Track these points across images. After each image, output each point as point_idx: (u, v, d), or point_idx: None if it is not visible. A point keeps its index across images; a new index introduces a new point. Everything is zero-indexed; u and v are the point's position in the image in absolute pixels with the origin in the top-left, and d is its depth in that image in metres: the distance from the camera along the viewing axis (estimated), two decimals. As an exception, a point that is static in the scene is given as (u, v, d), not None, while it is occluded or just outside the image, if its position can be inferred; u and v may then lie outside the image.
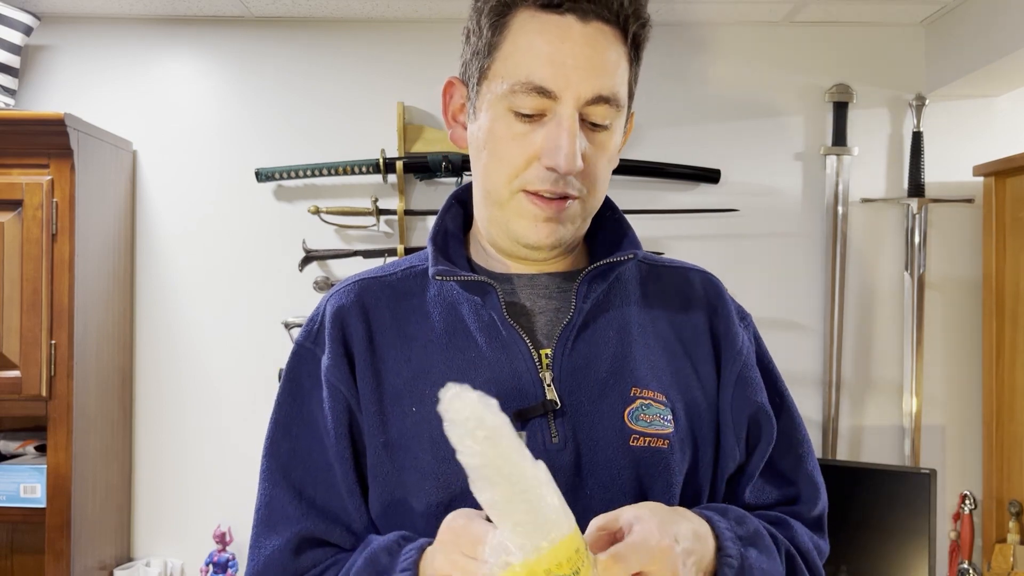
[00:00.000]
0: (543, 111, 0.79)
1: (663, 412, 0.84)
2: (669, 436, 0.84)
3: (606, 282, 0.88)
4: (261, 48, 2.33)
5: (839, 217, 2.28)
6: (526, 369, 0.83)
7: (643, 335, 0.88)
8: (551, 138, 0.78)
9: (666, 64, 2.32)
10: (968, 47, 2.13)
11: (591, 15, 0.78)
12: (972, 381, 2.29)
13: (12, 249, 1.93)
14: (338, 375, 0.88)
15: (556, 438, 0.82)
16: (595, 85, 0.78)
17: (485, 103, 0.82)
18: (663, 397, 0.85)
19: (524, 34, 0.79)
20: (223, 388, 2.31)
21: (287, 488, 0.89)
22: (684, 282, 0.94)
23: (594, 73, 0.78)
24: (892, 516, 1.92)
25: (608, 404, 0.83)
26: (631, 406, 0.83)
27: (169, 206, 2.33)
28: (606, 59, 0.78)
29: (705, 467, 0.88)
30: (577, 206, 0.83)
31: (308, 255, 2.28)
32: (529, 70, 0.78)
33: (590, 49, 0.77)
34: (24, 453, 2.12)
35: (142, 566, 2.22)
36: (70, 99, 2.30)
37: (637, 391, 0.84)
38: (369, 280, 0.92)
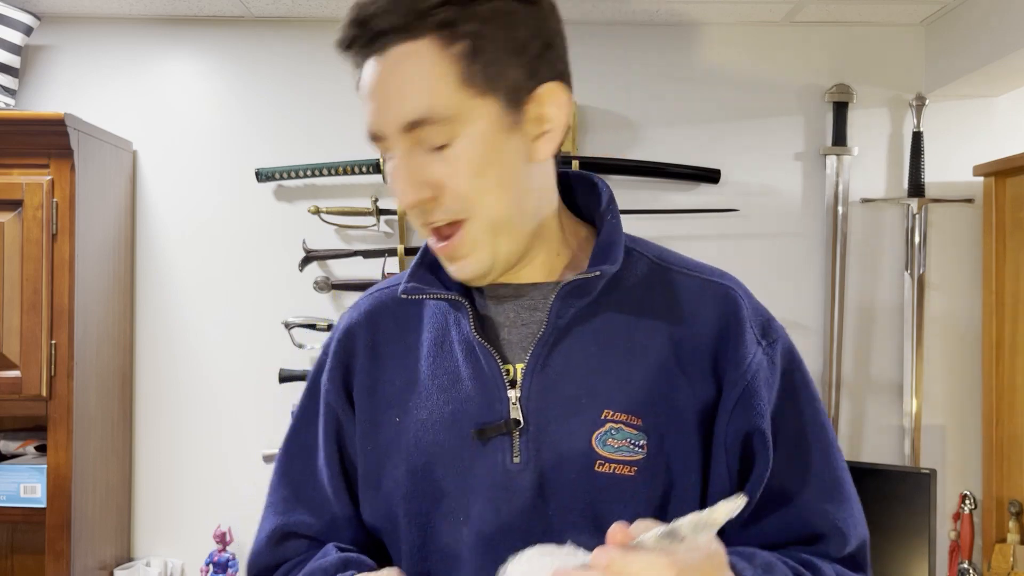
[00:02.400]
0: (389, 149, 0.78)
1: (635, 437, 0.79)
2: (637, 463, 0.78)
3: (590, 295, 0.81)
4: (261, 48, 2.33)
5: (839, 217, 2.28)
6: (495, 386, 0.81)
7: (631, 349, 0.81)
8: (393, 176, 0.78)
9: (666, 64, 2.32)
10: (968, 47, 2.13)
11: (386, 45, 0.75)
12: (972, 381, 2.29)
13: (12, 249, 1.93)
14: (333, 394, 0.91)
15: (517, 458, 0.80)
16: (399, 114, 0.74)
17: None
18: (638, 421, 0.79)
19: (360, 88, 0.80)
20: (223, 388, 2.31)
21: (285, 481, 0.93)
22: (698, 292, 0.85)
23: (397, 99, 0.74)
24: (892, 516, 1.92)
25: (576, 425, 0.79)
26: (600, 429, 0.79)
27: (169, 206, 2.33)
28: (407, 81, 0.74)
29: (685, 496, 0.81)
30: (471, 228, 0.77)
31: (308, 255, 2.28)
32: (365, 120, 0.79)
33: (387, 80, 0.75)
34: (24, 453, 2.12)
35: (142, 566, 2.22)
36: (70, 99, 2.30)
37: (609, 413, 0.79)
38: (380, 292, 0.94)
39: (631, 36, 2.32)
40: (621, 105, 2.32)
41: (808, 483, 0.83)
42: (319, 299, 2.30)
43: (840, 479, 0.85)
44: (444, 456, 0.82)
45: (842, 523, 0.83)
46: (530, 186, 0.80)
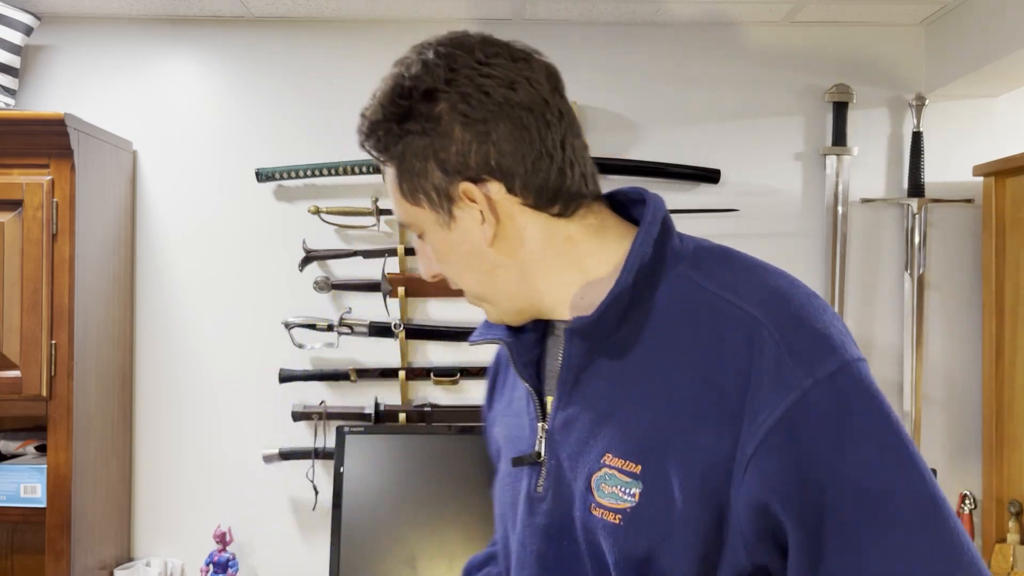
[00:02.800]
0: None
1: (628, 485, 0.76)
2: (623, 512, 0.76)
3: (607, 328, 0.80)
4: (261, 48, 2.33)
5: (839, 217, 2.28)
6: (532, 418, 0.90)
7: (648, 389, 0.77)
8: None
9: (666, 64, 2.32)
10: (968, 47, 2.13)
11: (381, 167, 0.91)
12: (972, 381, 2.29)
13: (12, 249, 1.93)
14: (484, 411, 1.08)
15: (541, 488, 0.86)
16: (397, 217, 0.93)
17: None
18: (636, 468, 0.76)
19: None
20: (223, 388, 2.31)
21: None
22: (727, 327, 0.74)
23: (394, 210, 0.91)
24: (892, 516, 1.92)
25: (582, 466, 0.81)
26: (598, 473, 0.79)
27: (169, 206, 2.33)
28: (391, 193, 0.90)
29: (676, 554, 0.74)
30: (468, 295, 0.91)
31: (308, 255, 2.28)
32: None
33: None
34: (24, 453, 2.12)
35: (142, 566, 2.22)
36: (70, 99, 2.31)
37: (608, 458, 0.78)
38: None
39: (631, 36, 2.32)
40: (621, 105, 2.32)
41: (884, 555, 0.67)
42: (319, 299, 2.30)
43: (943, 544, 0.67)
44: (506, 481, 0.94)
45: None
46: (499, 264, 0.86)
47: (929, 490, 0.69)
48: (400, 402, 2.28)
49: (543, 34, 2.31)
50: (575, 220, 0.84)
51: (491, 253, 0.85)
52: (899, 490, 0.68)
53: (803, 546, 0.69)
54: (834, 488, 0.68)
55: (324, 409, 2.25)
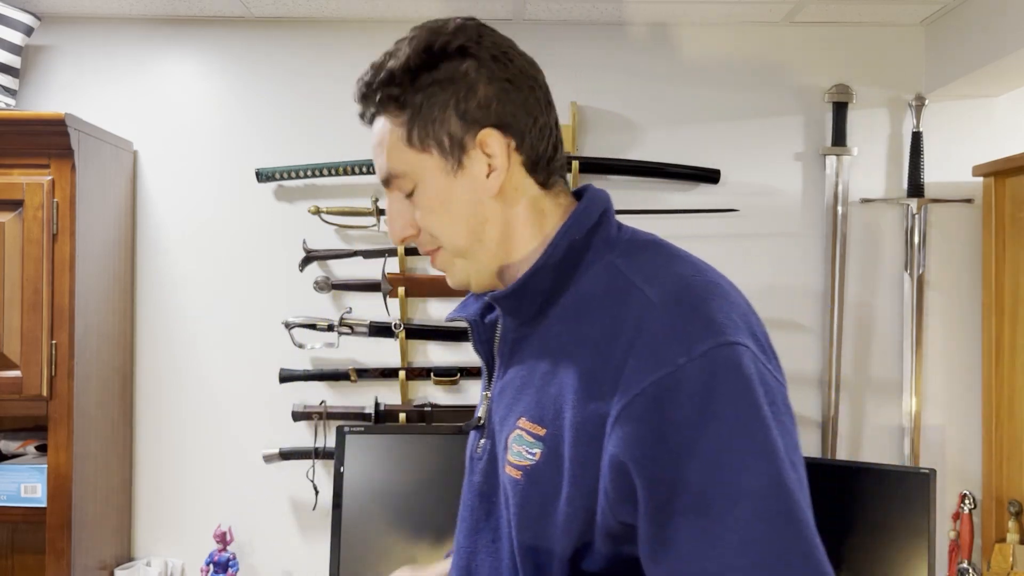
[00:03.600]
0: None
1: (532, 445, 0.85)
2: (524, 469, 0.85)
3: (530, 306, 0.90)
4: (261, 48, 2.33)
5: (839, 217, 2.28)
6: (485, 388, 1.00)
7: (556, 361, 0.85)
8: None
9: (666, 64, 2.32)
10: (968, 47, 2.13)
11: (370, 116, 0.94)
12: (972, 381, 2.29)
13: (13, 249, 1.93)
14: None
15: (480, 449, 0.97)
16: (380, 172, 0.94)
17: None
18: (542, 431, 0.84)
19: None
20: (223, 388, 2.31)
21: None
22: (628, 307, 0.81)
23: (376, 163, 0.94)
24: (892, 516, 1.93)
25: (504, 428, 0.91)
26: (511, 434, 0.88)
27: (169, 206, 2.33)
28: (379, 146, 0.93)
29: (570, 508, 0.80)
30: (443, 254, 0.94)
31: (308, 255, 2.28)
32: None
33: (373, 147, 0.94)
34: (25, 453, 2.12)
35: (142, 566, 2.22)
36: (70, 99, 2.31)
37: (522, 421, 0.87)
38: None
39: (631, 36, 2.32)
40: (621, 105, 2.32)
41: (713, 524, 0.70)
42: (319, 299, 2.30)
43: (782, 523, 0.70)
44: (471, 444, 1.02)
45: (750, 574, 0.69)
46: (490, 217, 0.91)
47: (779, 481, 0.71)
48: (400, 402, 2.28)
49: (543, 34, 2.31)
50: (550, 195, 0.94)
51: (489, 204, 0.91)
52: (748, 474, 0.70)
53: (650, 512, 0.73)
54: (689, 462, 0.71)
55: (324, 409, 2.25)
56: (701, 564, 0.70)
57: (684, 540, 0.71)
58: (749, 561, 0.69)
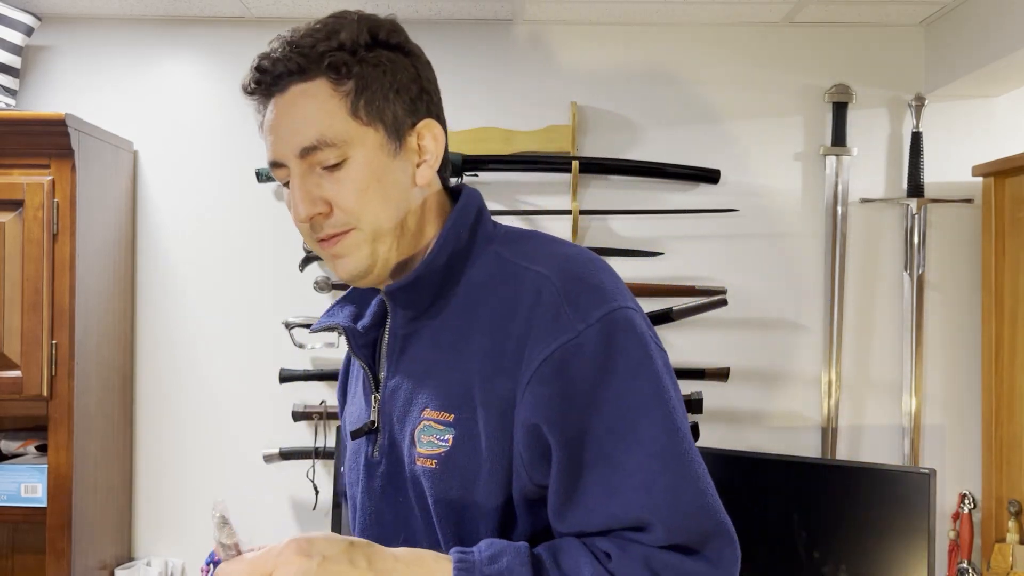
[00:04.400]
0: (288, 177, 0.91)
1: (441, 432, 0.87)
2: (437, 456, 0.86)
3: (422, 299, 0.91)
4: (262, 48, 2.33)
5: (839, 217, 2.28)
6: (368, 393, 0.97)
7: (458, 348, 0.88)
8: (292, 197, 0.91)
9: (666, 64, 2.32)
10: (968, 47, 2.13)
11: (287, 85, 0.89)
12: (971, 381, 2.29)
13: (13, 249, 1.93)
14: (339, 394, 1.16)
15: (375, 454, 0.95)
16: (297, 141, 0.88)
17: None
18: (450, 417, 0.86)
19: (263, 124, 0.93)
20: (223, 388, 2.31)
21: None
22: (520, 287, 0.86)
23: (294, 131, 0.88)
24: (891, 516, 1.93)
25: (406, 424, 0.90)
26: (418, 427, 0.88)
27: (170, 206, 2.33)
28: (302, 113, 0.88)
29: (489, 489, 0.84)
30: (355, 235, 0.89)
31: (308, 255, 2.28)
32: (267, 151, 0.93)
33: (287, 114, 0.89)
34: (25, 453, 2.12)
35: (143, 565, 2.22)
36: (71, 99, 2.31)
37: (427, 412, 0.88)
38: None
39: (631, 36, 2.32)
40: (621, 105, 2.32)
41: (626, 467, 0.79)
42: (319, 299, 2.30)
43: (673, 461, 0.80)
44: (351, 454, 1.00)
45: (666, 508, 0.78)
46: (411, 206, 0.92)
47: (672, 425, 0.81)
48: (400, 402, 2.28)
49: (543, 34, 2.31)
50: (443, 193, 0.97)
51: (413, 193, 0.92)
52: (646, 420, 0.80)
53: (563, 464, 0.81)
54: (594, 414, 0.81)
55: (324, 409, 2.25)
56: (607, 510, 0.80)
57: (591, 494, 0.81)
58: (651, 500, 0.79)
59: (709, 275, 2.30)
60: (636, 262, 2.25)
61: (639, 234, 2.28)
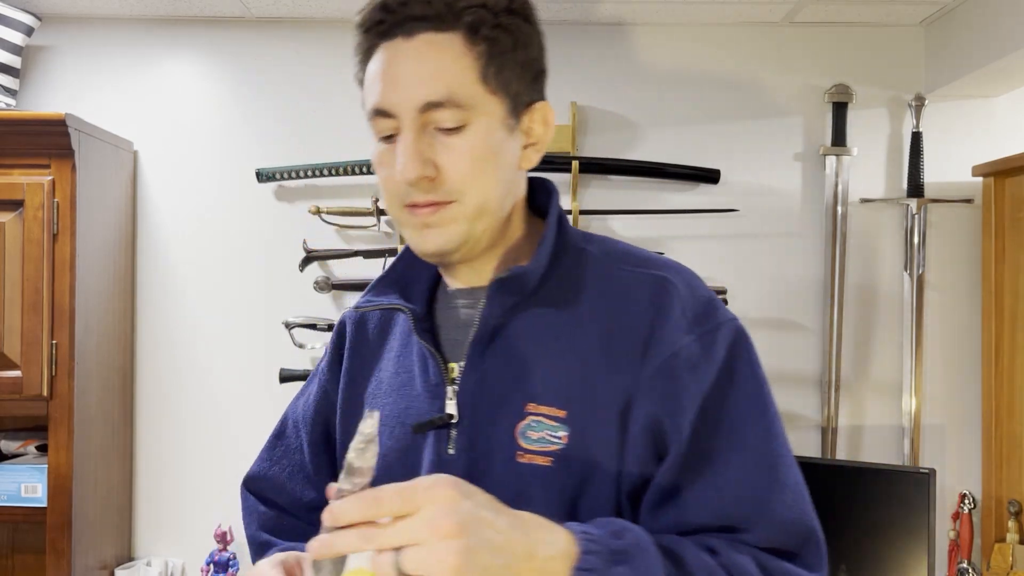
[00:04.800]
0: (394, 130, 0.84)
1: (555, 428, 0.83)
2: (554, 453, 0.83)
3: (524, 290, 0.87)
4: (261, 48, 2.34)
5: (838, 217, 2.28)
6: (436, 383, 0.89)
7: (560, 345, 0.86)
8: (396, 153, 0.83)
9: (666, 64, 2.32)
10: (968, 47, 2.13)
11: (415, 30, 0.82)
12: (971, 381, 2.29)
13: (13, 249, 1.93)
14: (327, 376, 1.03)
15: (452, 449, 0.87)
16: (422, 93, 0.81)
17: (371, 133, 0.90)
18: (562, 413, 0.83)
19: (370, 68, 0.86)
20: (224, 388, 2.32)
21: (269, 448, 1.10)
22: (635, 285, 0.87)
23: (420, 82, 0.81)
24: (891, 516, 1.93)
25: (503, 419, 0.85)
26: (523, 422, 0.84)
27: (170, 206, 2.33)
28: (433, 65, 0.81)
29: (604, 484, 0.83)
30: (454, 209, 0.84)
31: (308, 255, 2.28)
32: (372, 98, 0.84)
33: (415, 62, 0.82)
34: (25, 453, 2.12)
35: (143, 566, 2.22)
36: (71, 99, 2.31)
37: (532, 406, 0.84)
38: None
39: (631, 36, 2.32)
40: (621, 105, 2.32)
41: (737, 468, 0.81)
42: (319, 299, 2.30)
43: (777, 466, 0.83)
44: (397, 450, 0.91)
45: (771, 510, 0.81)
46: (511, 188, 0.88)
47: (777, 428, 0.85)
48: (400, 402, 2.28)
49: (543, 34, 2.31)
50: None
51: (518, 176, 0.89)
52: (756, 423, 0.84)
53: (677, 459, 0.81)
54: (713, 414, 0.82)
55: (324, 409, 2.25)
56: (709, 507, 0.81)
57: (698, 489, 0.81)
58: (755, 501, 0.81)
59: (709, 275, 2.30)
60: (636, 262, 2.25)
61: (639, 234, 2.28)
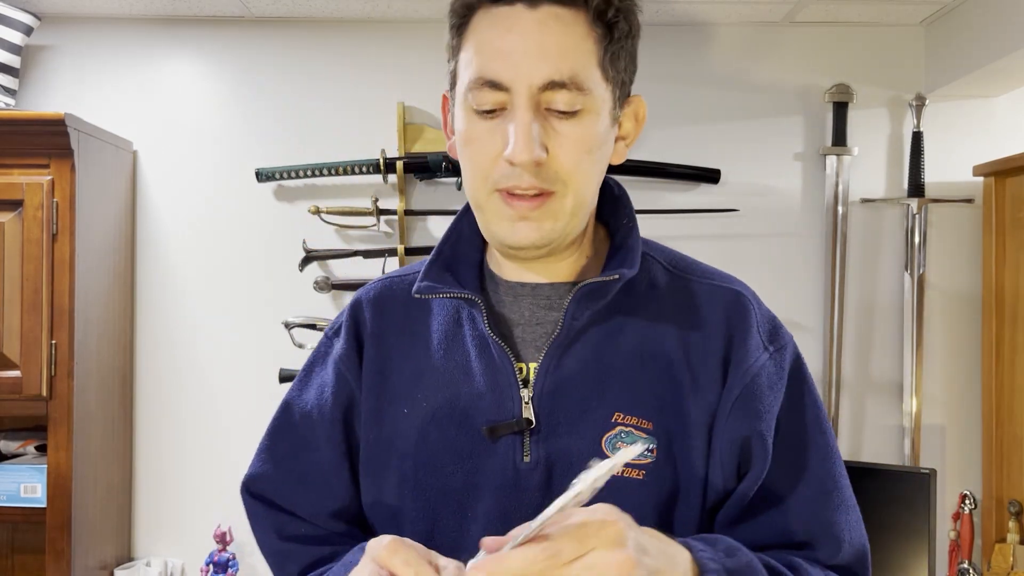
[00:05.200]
0: (501, 105, 0.77)
1: (645, 441, 0.80)
2: (646, 467, 0.79)
3: (606, 297, 0.83)
4: (261, 48, 2.33)
5: (839, 217, 2.28)
6: (508, 384, 0.82)
7: (642, 355, 0.82)
8: (508, 130, 0.76)
9: (666, 64, 2.32)
10: (968, 47, 2.13)
11: (539, 1, 0.76)
12: (972, 381, 2.29)
13: (12, 249, 1.93)
14: (347, 363, 0.91)
15: (528, 457, 0.80)
16: (545, 71, 0.75)
17: (458, 108, 0.82)
18: (649, 425, 0.80)
19: (477, 32, 0.78)
20: (223, 388, 2.31)
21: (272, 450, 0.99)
22: (709, 298, 0.86)
23: (543, 58, 0.75)
24: (892, 516, 1.93)
25: (586, 427, 0.80)
26: (610, 432, 0.79)
27: (169, 206, 2.33)
28: (559, 42, 0.75)
29: (689, 500, 0.81)
30: (555, 203, 0.78)
31: (308, 255, 2.28)
32: (480, 66, 0.77)
33: (539, 35, 0.75)
34: (25, 453, 2.12)
35: (142, 566, 2.22)
36: (70, 99, 2.31)
37: (619, 416, 0.80)
38: (393, 278, 0.95)
39: (631, 36, 2.32)
40: (621, 105, 2.31)
41: (805, 487, 0.82)
42: (319, 299, 2.30)
43: (839, 486, 0.84)
44: (453, 451, 0.82)
45: (837, 529, 0.82)
46: (598, 184, 0.84)
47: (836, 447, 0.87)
48: (400, 402, 2.28)
49: (543, 34, 2.31)
50: None
51: (603, 169, 0.83)
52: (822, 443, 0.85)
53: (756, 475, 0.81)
54: (791, 433, 0.83)
55: (324, 409, 2.24)
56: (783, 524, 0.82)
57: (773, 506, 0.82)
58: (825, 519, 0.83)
59: (709, 275, 2.29)
60: (636, 262, 2.25)
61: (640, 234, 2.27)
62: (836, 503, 0.83)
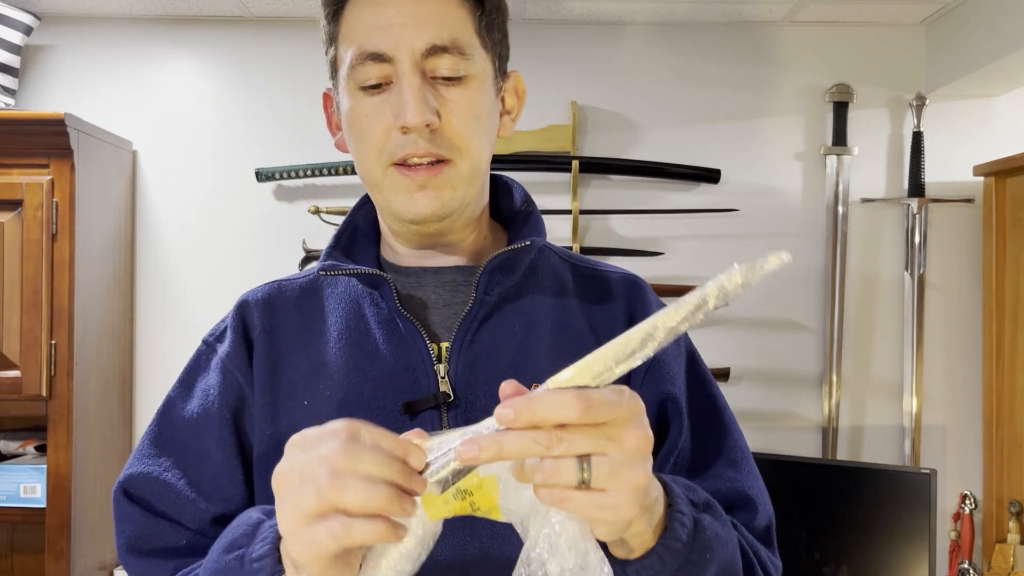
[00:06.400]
0: (387, 78, 0.78)
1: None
2: None
3: (514, 274, 0.86)
4: (261, 48, 2.33)
5: (839, 217, 2.28)
6: (421, 362, 0.82)
7: (554, 330, 0.86)
8: (396, 98, 0.77)
9: (666, 64, 2.32)
10: (968, 47, 2.13)
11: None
12: (972, 381, 2.29)
13: (12, 249, 1.93)
14: (236, 362, 0.89)
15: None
16: (426, 36, 0.77)
17: (342, 93, 0.82)
18: None
19: (353, 14, 0.81)
20: (223, 388, 2.31)
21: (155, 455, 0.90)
22: (608, 283, 0.91)
23: (423, 26, 0.77)
24: (892, 516, 1.92)
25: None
26: None
27: (169, 206, 2.33)
28: (435, 10, 0.78)
29: None
30: (451, 171, 0.79)
31: (308, 255, 2.28)
32: (361, 41, 0.79)
33: (415, 4, 0.77)
34: (24, 453, 2.12)
35: (142, 566, 2.21)
36: (70, 99, 2.31)
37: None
38: (282, 282, 0.94)
39: (631, 36, 2.32)
40: (621, 105, 2.32)
41: (719, 455, 0.86)
42: (319, 299, 2.30)
43: (746, 455, 0.88)
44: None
45: (754, 494, 0.85)
46: (489, 151, 0.84)
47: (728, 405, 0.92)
48: (400, 402, 2.28)
49: (543, 34, 2.31)
50: None
51: (492, 139, 0.85)
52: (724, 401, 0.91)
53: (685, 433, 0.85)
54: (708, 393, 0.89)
55: (324, 409, 2.24)
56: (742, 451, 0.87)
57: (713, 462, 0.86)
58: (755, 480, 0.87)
59: (709, 275, 2.26)
60: (636, 262, 2.25)
61: (639, 234, 2.28)
62: (747, 470, 0.86)
